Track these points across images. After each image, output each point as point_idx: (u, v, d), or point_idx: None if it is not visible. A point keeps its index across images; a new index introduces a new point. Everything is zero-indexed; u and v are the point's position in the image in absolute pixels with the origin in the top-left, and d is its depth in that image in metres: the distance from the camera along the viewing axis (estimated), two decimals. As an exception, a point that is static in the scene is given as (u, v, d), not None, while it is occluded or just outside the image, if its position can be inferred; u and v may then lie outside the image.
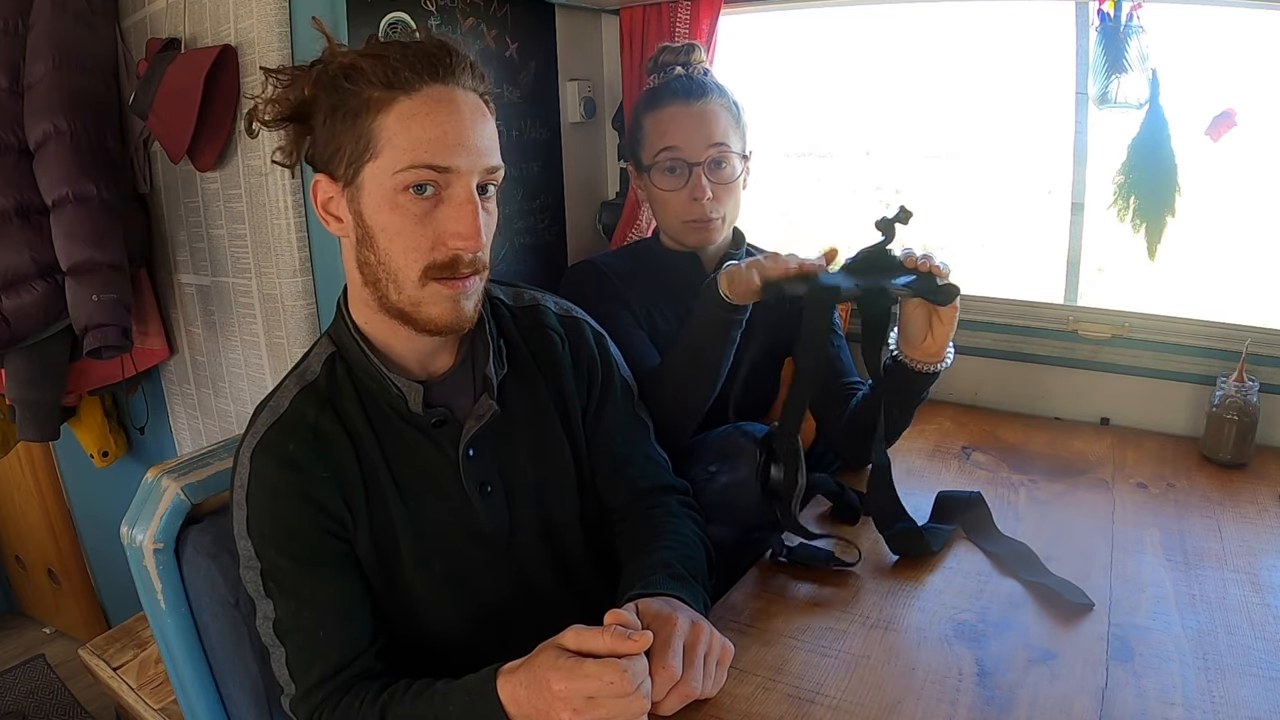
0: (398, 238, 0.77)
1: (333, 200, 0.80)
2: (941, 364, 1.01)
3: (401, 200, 0.76)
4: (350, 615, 0.82)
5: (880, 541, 0.99)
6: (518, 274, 1.67)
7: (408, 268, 0.78)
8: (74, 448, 1.75)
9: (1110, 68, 1.31)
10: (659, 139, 1.19)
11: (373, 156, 0.76)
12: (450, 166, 0.76)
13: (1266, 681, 0.74)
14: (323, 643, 0.80)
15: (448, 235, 0.77)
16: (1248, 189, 1.56)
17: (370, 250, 0.79)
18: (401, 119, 0.75)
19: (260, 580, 0.81)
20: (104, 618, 2.10)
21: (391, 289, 0.79)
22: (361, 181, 0.77)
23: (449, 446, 0.86)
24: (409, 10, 1.38)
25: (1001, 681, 0.74)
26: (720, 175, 1.18)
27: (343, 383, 0.85)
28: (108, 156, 1.38)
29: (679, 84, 1.20)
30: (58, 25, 1.33)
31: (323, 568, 0.81)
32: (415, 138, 0.75)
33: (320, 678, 0.79)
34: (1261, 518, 1.04)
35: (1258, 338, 1.23)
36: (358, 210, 0.78)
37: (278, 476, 0.81)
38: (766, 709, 0.72)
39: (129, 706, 1.32)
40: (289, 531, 0.80)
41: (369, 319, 0.85)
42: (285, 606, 0.80)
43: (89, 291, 1.33)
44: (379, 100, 0.75)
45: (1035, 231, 1.95)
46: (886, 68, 2.18)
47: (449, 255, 0.78)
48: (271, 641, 0.81)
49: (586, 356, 0.97)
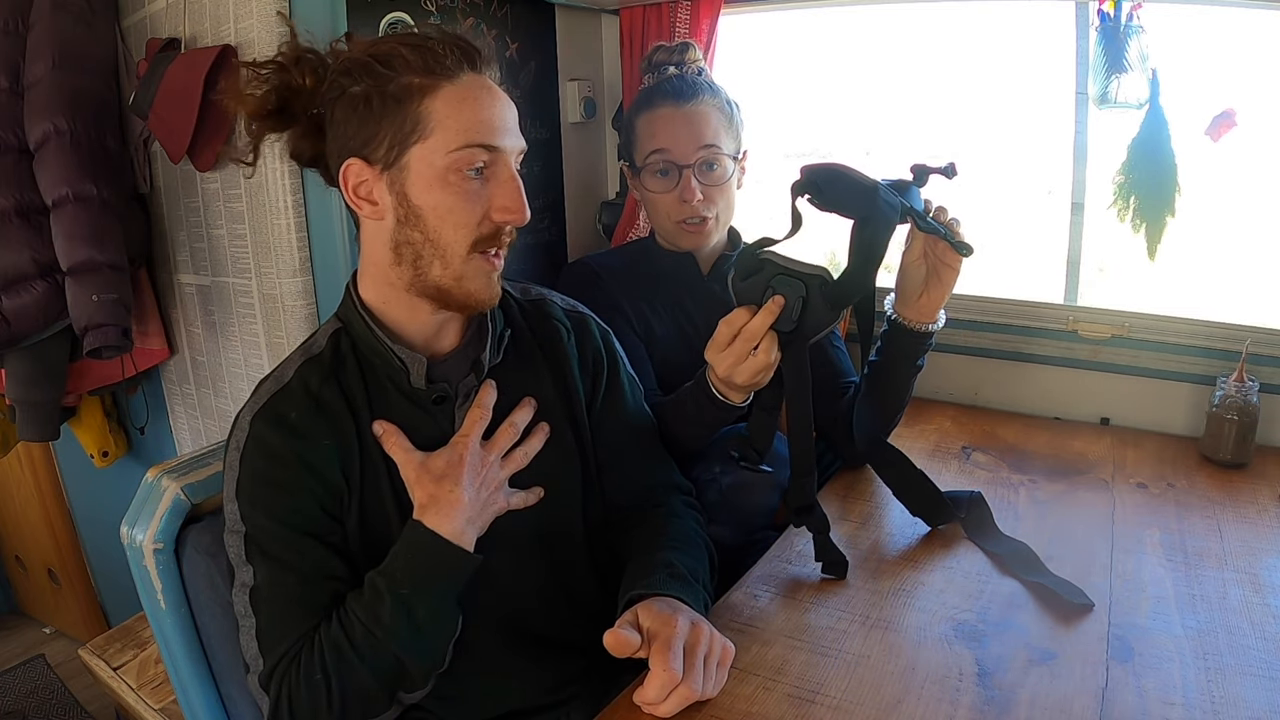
0: (449, 215, 0.80)
1: (366, 184, 0.82)
2: (934, 324, 1.03)
3: (453, 179, 0.80)
4: (330, 586, 0.80)
5: (880, 543, 0.99)
6: (518, 273, 1.67)
7: (457, 242, 0.81)
8: (74, 448, 1.75)
9: (1110, 68, 1.31)
10: (649, 141, 1.19)
11: (421, 138, 0.79)
12: (499, 145, 0.81)
13: (1266, 681, 0.74)
14: (297, 613, 0.78)
15: (495, 210, 0.82)
16: (1248, 189, 1.56)
17: (415, 229, 0.81)
18: (450, 103, 0.79)
19: (243, 545, 0.80)
20: (104, 618, 2.10)
21: (437, 264, 0.82)
22: (407, 163, 0.80)
23: (446, 424, 0.86)
24: (409, 10, 1.38)
25: (1001, 681, 0.74)
26: (711, 177, 1.18)
27: (347, 356, 0.86)
28: (108, 156, 1.38)
29: (670, 85, 1.20)
30: (58, 25, 1.33)
31: (309, 537, 0.80)
32: (467, 119, 0.79)
33: (290, 650, 0.77)
34: (1261, 518, 1.04)
35: (1258, 338, 1.23)
36: (401, 191, 0.80)
37: (276, 440, 0.80)
38: (766, 709, 0.72)
39: (129, 706, 1.32)
40: (280, 495, 0.80)
41: (387, 298, 0.86)
42: (265, 572, 0.79)
43: (89, 291, 1.32)
44: (422, 86, 0.79)
45: (1035, 231, 1.95)
46: (886, 68, 2.18)
47: (494, 228, 0.82)
48: (244, 611, 0.79)
49: (592, 350, 0.97)
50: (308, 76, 0.82)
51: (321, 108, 0.83)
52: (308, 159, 0.87)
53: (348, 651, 0.76)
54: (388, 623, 0.76)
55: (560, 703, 0.88)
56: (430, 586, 0.78)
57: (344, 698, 0.76)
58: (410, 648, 0.77)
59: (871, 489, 1.15)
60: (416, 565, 0.78)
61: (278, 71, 0.82)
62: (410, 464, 0.81)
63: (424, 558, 0.78)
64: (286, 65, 0.82)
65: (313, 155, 0.86)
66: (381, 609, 0.76)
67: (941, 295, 1.00)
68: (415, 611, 0.76)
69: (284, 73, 0.82)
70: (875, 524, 1.05)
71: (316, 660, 0.76)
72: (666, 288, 1.24)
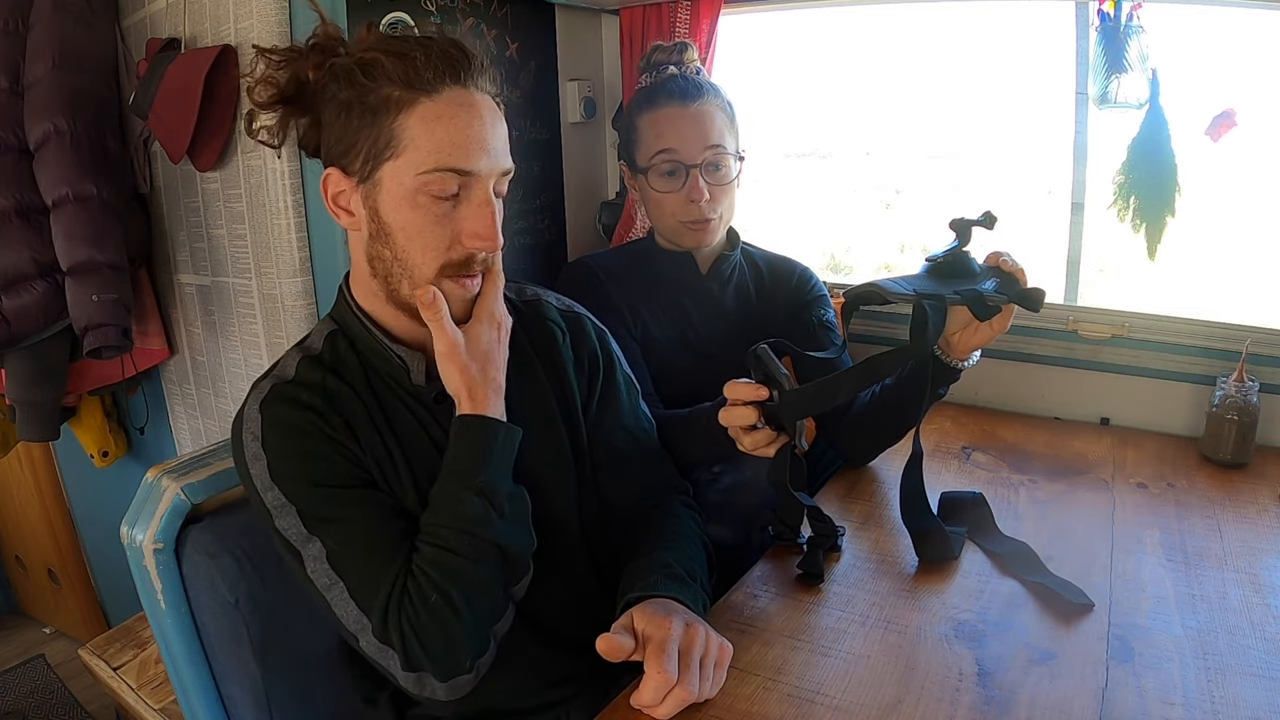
0: (417, 237, 0.78)
1: (344, 194, 0.81)
2: (968, 362, 1.00)
3: (422, 200, 0.77)
4: (398, 525, 0.79)
5: (880, 543, 0.99)
6: (518, 273, 1.67)
7: (424, 265, 0.79)
8: (74, 448, 1.75)
9: (1110, 68, 1.31)
10: (655, 141, 1.18)
11: (393, 155, 0.77)
12: (472, 170, 0.78)
13: (1266, 681, 0.74)
14: (382, 557, 0.76)
15: (466, 235, 0.79)
16: (1248, 189, 1.56)
17: (385, 246, 0.80)
18: (424, 121, 0.76)
19: (300, 521, 0.77)
20: (104, 618, 2.10)
21: (404, 284, 0.80)
22: (379, 179, 0.78)
23: (447, 421, 0.85)
24: (409, 10, 1.38)
25: (1002, 681, 0.74)
26: (716, 177, 1.18)
27: (346, 356, 0.85)
28: (108, 156, 1.38)
29: (674, 84, 1.19)
30: (58, 25, 1.33)
31: (358, 488, 0.79)
32: (439, 140, 0.76)
33: (392, 592, 0.75)
34: (1261, 518, 1.04)
35: (1258, 338, 1.23)
36: (374, 207, 0.79)
37: (295, 415, 0.79)
38: (766, 709, 0.72)
39: (129, 706, 1.32)
40: (316, 461, 0.78)
41: (375, 306, 0.85)
42: (334, 534, 0.76)
43: (89, 291, 1.33)
44: (400, 100, 0.76)
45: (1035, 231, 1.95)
46: (886, 68, 2.18)
47: (464, 254, 0.80)
48: (329, 581, 0.76)
49: (588, 351, 0.97)
50: (311, 70, 0.80)
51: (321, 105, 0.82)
52: (313, 149, 0.86)
53: (452, 560, 0.75)
54: (477, 515, 0.76)
55: (560, 702, 0.89)
56: (497, 468, 0.79)
57: (469, 604, 0.75)
58: (505, 532, 0.78)
59: (872, 489, 1.15)
60: (479, 452, 0.78)
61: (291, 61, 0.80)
62: (446, 339, 0.79)
63: (484, 442, 0.78)
64: (301, 53, 0.80)
65: (316, 147, 0.85)
66: (464, 507, 0.76)
67: (988, 337, 0.96)
68: (495, 496, 0.77)
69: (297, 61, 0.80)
70: (875, 524, 1.05)
71: (425, 585, 0.75)
72: (666, 288, 1.24)
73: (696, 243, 1.22)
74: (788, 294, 1.28)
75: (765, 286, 1.29)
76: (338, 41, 0.81)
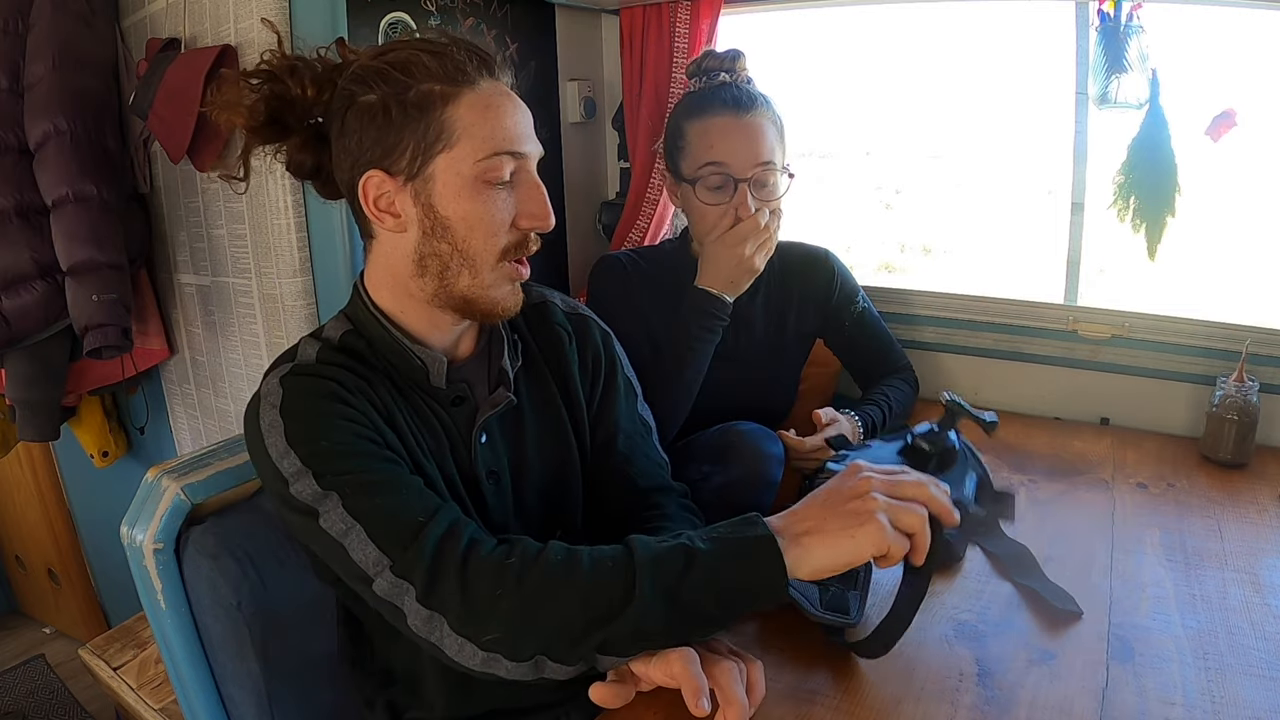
0: (479, 225, 0.79)
1: (387, 195, 0.79)
2: None
3: (481, 188, 0.78)
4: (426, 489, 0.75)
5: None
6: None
7: (487, 251, 0.80)
8: (74, 448, 1.75)
9: (1110, 68, 1.31)
10: (705, 151, 1.14)
11: (446, 147, 0.77)
12: (524, 152, 0.80)
13: (1266, 681, 0.74)
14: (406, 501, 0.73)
15: (523, 217, 0.81)
16: (1248, 189, 1.56)
17: (442, 240, 0.79)
18: (475, 110, 0.77)
19: (316, 482, 0.73)
20: (104, 618, 2.10)
21: (465, 275, 0.80)
22: (431, 174, 0.77)
23: (464, 428, 0.85)
24: (409, 10, 1.38)
25: (1002, 681, 0.74)
26: (764, 193, 1.15)
27: (364, 353, 0.83)
28: (108, 156, 1.38)
29: (728, 93, 1.16)
30: (58, 25, 1.33)
31: (385, 450, 0.76)
32: (494, 127, 0.78)
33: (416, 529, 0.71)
34: (1261, 518, 1.04)
35: (1258, 338, 1.23)
36: (427, 202, 0.78)
37: (317, 385, 0.77)
38: (766, 709, 0.72)
39: (129, 706, 1.32)
40: (336, 423, 0.75)
41: (405, 308, 0.84)
42: (354, 483, 0.72)
43: (89, 291, 1.33)
44: (443, 94, 0.77)
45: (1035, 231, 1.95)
46: (887, 68, 2.18)
47: (520, 236, 0.81)
48: (345, 528, 0.71)
49: (592, 354, 0.97)
50: (308, 86, 0.79)
51: (325, 117, 0.81)
52: (308, 170, 0.85)
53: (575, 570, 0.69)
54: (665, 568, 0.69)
55: (560, 702, 0.89)
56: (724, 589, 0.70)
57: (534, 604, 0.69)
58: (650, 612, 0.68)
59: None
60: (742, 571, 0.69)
61: (269, 81, 0.79)
62: None
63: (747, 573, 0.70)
64: (279, 74, 0.79)
65: (314, 166, 0.84)
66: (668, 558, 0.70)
67: None
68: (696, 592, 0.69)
69: (276, 82, 0.79)
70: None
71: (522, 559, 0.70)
72: (680, 294, 1.23)
73: None
74: (814, 291, 1.29)
75: (789, 285, 1.29)
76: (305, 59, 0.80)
